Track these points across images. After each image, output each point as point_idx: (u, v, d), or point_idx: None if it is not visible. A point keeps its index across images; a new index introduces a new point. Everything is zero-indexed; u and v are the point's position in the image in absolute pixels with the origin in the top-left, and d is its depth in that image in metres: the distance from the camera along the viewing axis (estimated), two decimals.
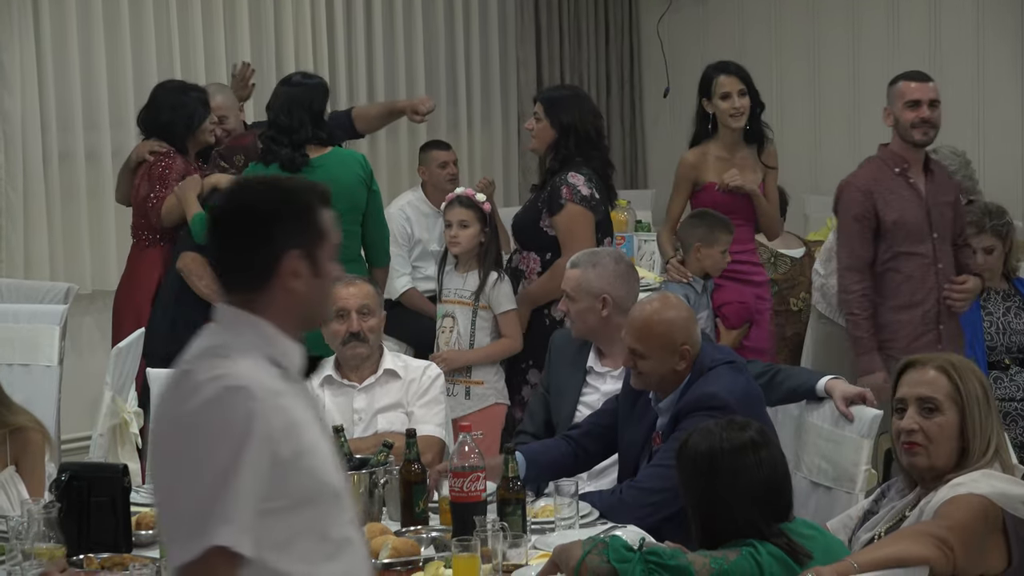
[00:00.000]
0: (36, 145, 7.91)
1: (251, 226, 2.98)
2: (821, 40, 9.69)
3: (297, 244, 2.98)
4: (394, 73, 9.52)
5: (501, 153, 10.15)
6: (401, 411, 5.24)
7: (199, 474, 2.80)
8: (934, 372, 3.91)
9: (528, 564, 3.91)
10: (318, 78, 6.68)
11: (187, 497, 2.81)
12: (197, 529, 2.78)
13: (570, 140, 6.33)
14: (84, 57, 8.11)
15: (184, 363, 2.97)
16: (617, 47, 10.56)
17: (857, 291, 6.31)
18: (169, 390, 2.96)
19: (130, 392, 5.95)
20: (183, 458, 2.83)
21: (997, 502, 3.72)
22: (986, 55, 9.03)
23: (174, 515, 2.85)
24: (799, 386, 4.94)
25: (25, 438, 4.56)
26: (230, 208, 3.03)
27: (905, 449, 3.90)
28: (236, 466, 2.78)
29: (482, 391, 6.34)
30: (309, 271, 2.99)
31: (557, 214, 6.24)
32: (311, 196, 3.06)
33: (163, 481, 2.91)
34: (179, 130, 6.83)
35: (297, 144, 6.36)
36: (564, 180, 6.24)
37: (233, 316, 2.98)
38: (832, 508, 4.58)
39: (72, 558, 4.04)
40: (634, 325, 4.60)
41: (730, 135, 6.70)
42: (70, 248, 8.06)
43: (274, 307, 2.97)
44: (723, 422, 3.74)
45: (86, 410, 6.62)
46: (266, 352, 2.95)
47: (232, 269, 3.00)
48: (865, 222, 6.30)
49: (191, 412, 2.83)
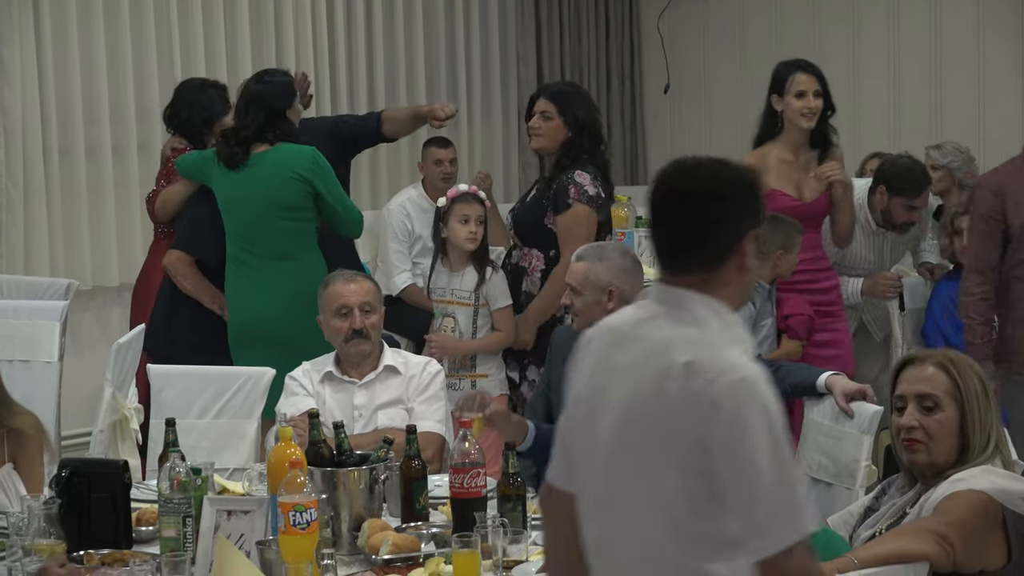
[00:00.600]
0: (36, 140, 7.91)
1: (719, 205, 3.00)
2: (821, 36, 9.68)
3: (753, 225, 3.02)
4: (394, 68, 9.52)
5: (501, 148, 10.15)
6: (401, 407, 5.24)
7: (768, 469, 2.83)
8: (933, 369, 3.91)
9: (528, 560, 3.92)
10: (284, 76, 6.60)
11: (762, 491, 2.83)
12: (783, 522, 2.84)
13: (584, 137, 6.32)
14: (84, 52, 8.10)
15: (674, 353, 2.95)
16: (617, 42, 10.55)
17: (976, 294, 6.00)
18: (664, 380, 2.94)
19: (130, 388, 5.95)
20: (743, 454, 2.84)
21: (997, 498, 3.72)
22: (987, 51, 9.03)
23: (750, 508, 2.85)
24: (800, 382, 4.94)
25: (23, 436, 4.55)
26: (694, 187, 3.02)
27: (905, 446, 3.90)
28: (790, 454, 2.88)
29: (486, 384, 6.36)
30: (756, 252, 3.04)
31: (562, 213, 6.23)
32: (759, 178, 3.09)
33: (726, 474, 2.88)
34: (196, 127, 6.90)
35: (242, 141, 6.34)
36: (571, 179, 6.23)
37: (697, 301, 3.00)
38: (832, 504, 4.58)
39: (72, 554, 4.04)
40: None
41: (797, 136, 6.52)
42: (70, 244, 8.05)
43: (727, 288, 3.01)
44: None
45: (86, 406, 6.63)
46: (735, 335, 3.00)
47: (687, 248, 3.02)
48: (993, 223, 5.97)
49: (732, 410, 2.85)
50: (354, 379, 5.30)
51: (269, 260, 6.30)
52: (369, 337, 5.27)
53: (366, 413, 5.24)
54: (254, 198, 6.27)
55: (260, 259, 6.30)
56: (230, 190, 6.34)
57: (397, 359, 5.35)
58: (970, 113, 8.93)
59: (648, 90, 10.63)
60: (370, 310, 5.28)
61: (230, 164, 6.32)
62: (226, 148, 6.35)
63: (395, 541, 4.01)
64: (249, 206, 6.29)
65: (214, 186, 6.42)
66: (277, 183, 6.26)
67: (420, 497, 4.37)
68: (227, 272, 6.41)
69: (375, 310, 5.30)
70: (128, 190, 8.17)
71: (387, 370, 5.30)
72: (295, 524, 3.64)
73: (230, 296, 6.39)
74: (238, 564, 3.60)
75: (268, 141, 6.32)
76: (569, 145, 6.33)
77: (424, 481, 4.40)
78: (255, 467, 4.59)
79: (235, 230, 6.36)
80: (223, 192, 6.37)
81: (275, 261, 6.29)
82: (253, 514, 3.94)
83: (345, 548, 4.15)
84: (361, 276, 5.46)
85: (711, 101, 10.28)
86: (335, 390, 5.30)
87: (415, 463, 4.38)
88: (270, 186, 6.26)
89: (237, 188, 6.31)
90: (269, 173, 6.27)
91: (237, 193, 6.31)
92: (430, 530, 4.21)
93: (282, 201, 6.27)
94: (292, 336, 6.04)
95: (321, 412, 4.98)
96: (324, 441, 4.36)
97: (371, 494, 4.25)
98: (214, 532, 3.91)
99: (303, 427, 4.62)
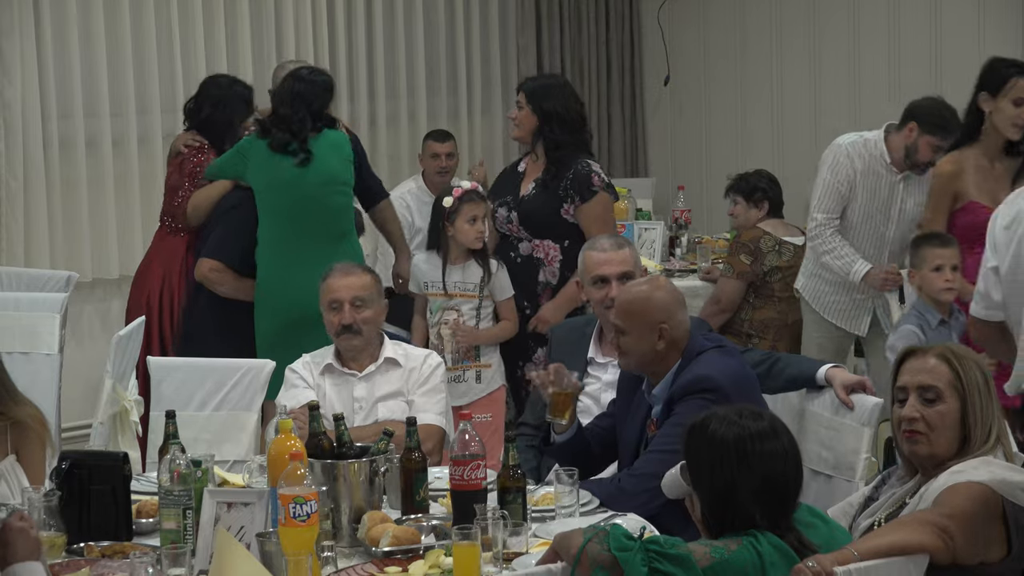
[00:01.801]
0: (36, 133, 7.91)
1: None
2: (822, 28, 9.68)
3: None
4: (394, 62, 9.51)
5: (502, 141, 10.13)
6: (401, 399, 5.24)
7: None
8: (935, 360, 3.91)
9: (528, 552, 3.91)
10: (326, 76, 6.72)
11: None
12: None
13: (552, 126, 6.38)
14: (84, 45, 8.09)
15: None
16: (618, 35, 10.54)
17: None
18: None
19: (131, 380, 5.95)
20: None
21: (997, 489, 3.72)
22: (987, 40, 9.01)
23: None
24: (799, 374, 4.94)
25: (26, 428, 4.55)
26: None
27: (906, 437, 3.90)
28: None
29: (490, 373, 6.41)
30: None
31: (589, 201, 6.29)
32: None
33: None
34: (218, 128, 6.98)
35: (295, 133, 6.47)
36: (588, 168, 6.30)
37: None
38: (832, 496, 4.58)
39: (72, 546, 4.05)
40: (618, 301, 4.72)
41: (996, 143, 6.22)
42: (70, 236, 8.05)
43: None
44: (738, 409, 3.71)
45: (86, 398, 6.63)
46: None
47: None
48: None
49: None
50: (354, 371, 5.30)
51: (320, 239, 6.39)
52: (360, 332, 5.26)
53: (366, 405, 5.24)
54: (311, 175, 6.43)
55: (310, 238, 6.39)
56: (279, 172, 6.42)
57: (398, 351, 5.35)
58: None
59: (648, 82, 10.62)
60: (362, 305, 5.26)
61: (285, 150, 6.45)
62: (278, 135, 6.46)
63: (395, 533, 4.01)
64: (306, 183, 6.41)
65: (254, 172, 6.46)
66: (335, 162, 6.49)
67: (420, 489, 4.37)
68: (265, 256, 6.45)
69: (368, 305, 5.27)
70: (128, 183, 8.17)
71: (387, 362, 5.30)
72: (295, 516, 3.64)
73: (273, 279, 6.42)
74: (238, 556, 3.59)
75: (315, 129, 6.51)
76: (541, 134, 6.42)
77: (424, 473, 4.40)
78: (255, 459, 4.58)
79: (283, 210, 6.41)
80: (269, 174, 6.45)
81: (326, 240, 6.41)
82: (253, 506, 3.95)
83: (345, 540, 4.15)
84: (360, 270, 5.44)
85: (711, 93, 10.28)
86: (335, 382, 5.30)
87: (415, 455, 4.38)
88: (328, 164, 6.47)
89: (289, 169, 6.41)
90: (326, 153, 6.48)
91: (290, 174, 6.40)
92: (430, 522, 4.21)
93: (339, 177, 6.50)
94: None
95: (321, 404, 4.99)
96: (324, 433, 4.37)
97: (371, 486, 4.26)
98: (214, 524, 3.91)
99: (303, 419, 4.63)
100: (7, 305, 6.25)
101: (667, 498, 4.24)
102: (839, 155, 6.65)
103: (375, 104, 9.41)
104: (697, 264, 8.02)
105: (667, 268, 8.05)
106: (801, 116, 9.76)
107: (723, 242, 8.18)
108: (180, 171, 6.93)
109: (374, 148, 9.35)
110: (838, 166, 6.63)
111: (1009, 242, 4.56)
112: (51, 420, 5.67)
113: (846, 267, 6.71)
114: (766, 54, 9.93)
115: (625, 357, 4.68)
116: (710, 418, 3.70)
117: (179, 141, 7.07)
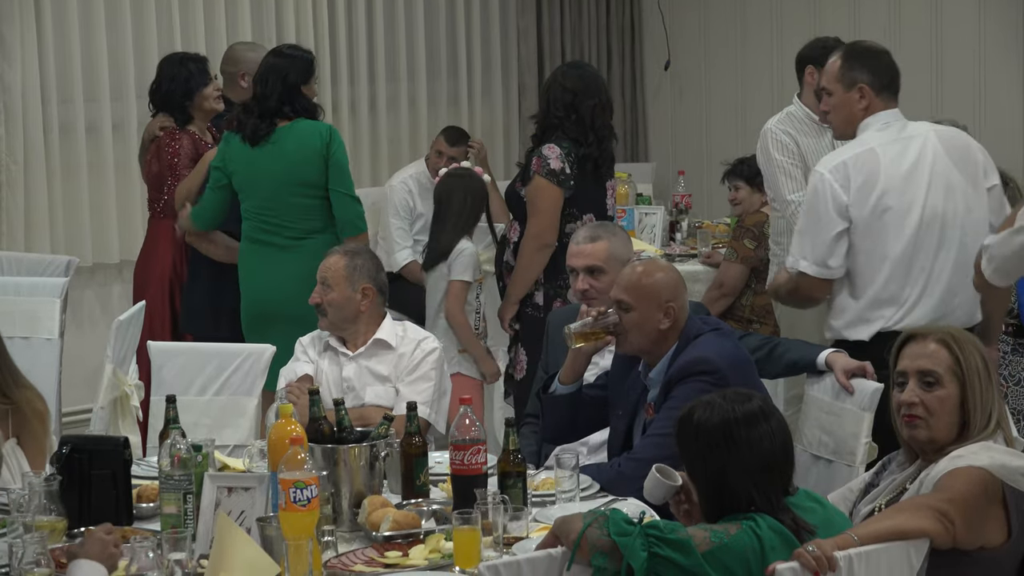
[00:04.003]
0: (37, 117, 7.91)
1: None
2: (822, 14, 9.66)
3: None
4: (395, 45, 9.50)
5: (502, 125, 10.14)
6: (391, 385, 5.24)
7: None
8: (935, 345, 3.91)
9: (529, 537, 3.92)
10: (304, 52, 6.61)
11: None
12: None
13: (549, 112, 6.39)
14: (84, 29, 8.09)
15: None
16: (618, 19, 10.53)
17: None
18: None
19: (131, 365, 5.96)
20: None
21: (997, 474, 3.72)
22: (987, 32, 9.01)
23: None
24: (799, 359, 4.94)
25: (27, 412, 4.56)
26: None
27: (905, 422, 3.91)
28: None
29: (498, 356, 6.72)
30: None
31: (528, 184, 6.30)
32: None
33: None
34: (178, 99, 6.92)
35: (263, 113, 6.35)
36: (539, 152, 6.31)
37: None
38: (832, 481, 4.58)
39: (73, 531, 4.05)
40: (623, 276, 4.70)
41: None
42: (71, 220, 8.05)
43: None
44: (727, 393, 3.73)
45: (87, 383, 6.63)
46: None
47: None
48: None
49: None
50: (347, 351, 5.31)
51: (286, 239, 6.32)
52: (325, 313, 5.30)
53: (356, 386, 5.24)
54: (274, 174, 6.29)
55: (278, 238, 6.33)
56: (249, 168, 6.35)
57: (396, 331, 5.34)
58: (969, 102, 8.90)
59: (648, 67, 10.61)
60: (328, 286, 5.28)
61: (253, 140, 6.33)
62: (249, 121, 6.36)
63: (396, 518, 4.01)
64: (269, 183, 6.31)
65: (233, 170, 6.41)
66: (297, 159, 6.30)
67: (420, 474, 4.37)
68: (241, 253, 6.43)
69: (333, 287, 5.28)
70: (128, 167, 8.15)
71: (375, 344, 5.29)
72: (296, 501, 3.64)
73: (243, 277, 6.41)
74: (239, 541, 3.60)
75: (287, 116, 6.34)
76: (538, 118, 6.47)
77: (425, 458, 4.40)
78: (256, 444, 4.59)
79: (253, 209, 6.37)
80: (242, 171, 6.37)
81: (292, 239, 6.32)
82: (254, 491, 3.95)
83: (346, 525, 4.16)
84: (336, 253, 5.42)
85: (711, 78, 10.27)
86: (331, 361, 5.32)
87: (416, 440, 4.38)
88: (290, 162, 6.30)
89: (257, 165, 6.32)
90: (289, 149, 6.31)
91: (257, 170, 6.32)
92: (431, 507, 4.21)
93: (300, 177, 6.31)
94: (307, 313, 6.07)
95: (317, 380, 5.09)
96: (325, 418, 4.37)
97: (372, 471, 4.26)
98: (215, 509, 3.91)
99: (296, 393, 4.65)
100: (7, 290, 6.25)
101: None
102: (775, 135, 6.38)
103: (375, 87, 9.41)
104: (697, 249, 8.01)
105: (667, 253, 8.05)
106: None
107: (723, 227, 8.17)
108: (159, 159, 6.89)
109: (374, 131, 9.36)
110: (780, 144, 6.40)
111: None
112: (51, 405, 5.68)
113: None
114: (767, 38, 9.91)
115: (625, 337, 4.67)
116: (695, 407, 3.72)
117: (153, 126, 7.00)
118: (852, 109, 5.25)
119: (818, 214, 5.12)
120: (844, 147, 5.24)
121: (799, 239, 5.19)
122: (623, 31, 10.56)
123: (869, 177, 5.09)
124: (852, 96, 5.24)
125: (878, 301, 5.09)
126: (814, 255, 5.10)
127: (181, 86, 6.91)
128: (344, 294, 5.28)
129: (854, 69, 5.25)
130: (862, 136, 5.19)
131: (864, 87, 5.23)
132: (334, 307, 5.29)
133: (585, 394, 4.94)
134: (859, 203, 5.09)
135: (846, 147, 5.22)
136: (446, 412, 5.32)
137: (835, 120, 5.34)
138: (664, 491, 3.88)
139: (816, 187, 5.15)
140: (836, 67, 5.29)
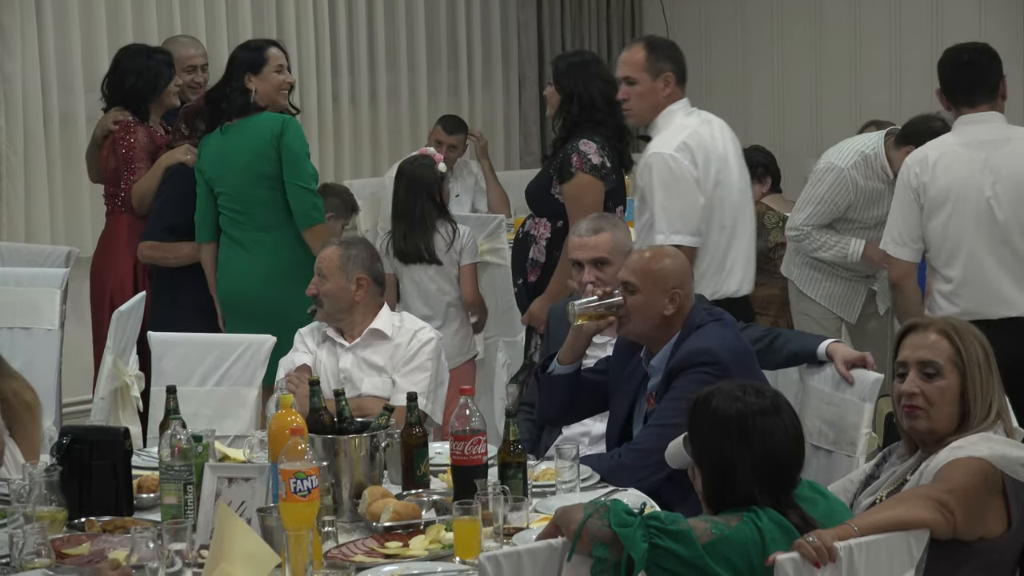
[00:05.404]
0: (37, 108, 7.91)
1: None
2: (823, 6, 9.66)
3: None
4: (395, 36, 9.50)
5: (502, 116, 10.14)
6: (387, 376, 5.24)
7: None
8: (935, 335, 3.91)
9: (529, 527, 3.92)
10: (265, 43, 6.54)
11: None
12: None
13: (573, 106, 6.31)
14: (84, 19, 8.09)
15: None
16: (618, 11, 10.53)
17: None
18: None
19: (131, 355, 5.95)
20: None
21: (997, 465, 3.72)
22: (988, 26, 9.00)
23: None
24: (800, 350, 4.94)
25: (15, 403, 4.54)
26: None
27: (906, 412, 3.91)
28: None
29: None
30: None
31: (567, 182, 6.20)
32: None
33: None
34: (145, 93, 6.81)
35: (218, 102, 6.33)
36: (575, 148, 6.20)
37: None
38: (832, 471, 4.58)
39: (73, 521, 4.06)
40: (632, 259, 4.73)
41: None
42: (71, 211, 8.05)
43: None
44: (742, 385, 3.71)
45: (87, 374, 6.63)
46: None
47: None
48: None
49: None
50: (344, 342, 5.31)
51: (252, 231, 6.29)
52: (321, 304, 5.31)
53: (352, 376, 5.24)
54: (235, 167, 6.26)
55: (244, 230, 6.30)
56: (214, 162, 6.32)
57: (392, 321, 5.33)
58: None
59: None
60: (325, 276, 5.29)
61: (212, 127, 6.32)
62: (208, 112, 6.35)
63: (396, 508, 4.01)
64: (232, 176, 6.28)
65: (204, 165, 6.37)
66: (254, 151, 6.25)
67: (421, 464, 4.37)
68: (220, 246, 6.41)
69: (328, 278, 5.28)
70: None
71: (371, 334, 5.30)
72: (296, 491, 3.65)
73: (219, 271, 6.38)
74: (239, 531, 3.60)
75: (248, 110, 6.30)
76: (560, 113, 6.35)
77: (425, 448, 4.40)
78: (256, 434, 4.59)
79: (223, 202, 6.35)
80: (209, 166, 6.34)
81: (257, 232, 6.28)
82: (254, 481, 3.95)
83: (346, 515, 4.16)
84: (333, 244, 5.42)
85: (712, 69, 10.26)
86: (328, 352, 5.33)
87: (416, 431, 4.38)
88: (249, 154, 6.25)
89: (220, 159, 6.29)
90: (247, 141, 6.26)
91: (221, 164, 6.30)
92: (431, 497, 4.22)
93: (258, 170, 6.26)
94: (273, 309, 6.05)
95: (315, 370, 5.10)
96: (325, 408, 4.37)
97: (372, 461, 4.26)
98: (215, 499, 3.91)
99: (296, 382, 4.65)
100: (7, 280, 6.24)
101: (667, 472, 4.27)
102: (843, 180, 6.47)
103: (375, 78, 9.41)
104: None
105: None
106: (802, 92, 9.75)
107: None
108: (115, 153, 6.79)
109: (375, 122, 9.36)
110: (841, 189, 6.49)
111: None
112: (52, 396, 5.69)
113: (841, 252, 6.68)
114: (767, 30, 9.91)
115: (628, 319, 4.66)
116: (714, 393, 3.70)
117: (107, 119, 6.84)
118: (657, 97, 5.74)
119: (681, 189, 5.55)
120: (669, 131, 5.66)
121: (664, 215, 5.56)
122: (623, 22, 10.56)
123: (707, 155, 5.62)
124: (658, 85, 5.73)
125: (721, 268, 5.67)
126: (687, 227, 5.54)
127: (149, 82, 6.79)
128: (338, 284, 5.28)
129: (660, 60, 5.74)
130: (677, 120, 5.68)
131: (669, 75, 5.74)
132: (329, 297, 5.29)
133: (584, 377, 4.93)
134: (704, 179, 5.61)
135: (671, 131, 5.65)
136: (443, 402, 5.32)
137: (639, 107, 5.78)
138: (683, 460, 3.87)
139: (669, 166, 5.58)
140: (641, 57, 5.74)
